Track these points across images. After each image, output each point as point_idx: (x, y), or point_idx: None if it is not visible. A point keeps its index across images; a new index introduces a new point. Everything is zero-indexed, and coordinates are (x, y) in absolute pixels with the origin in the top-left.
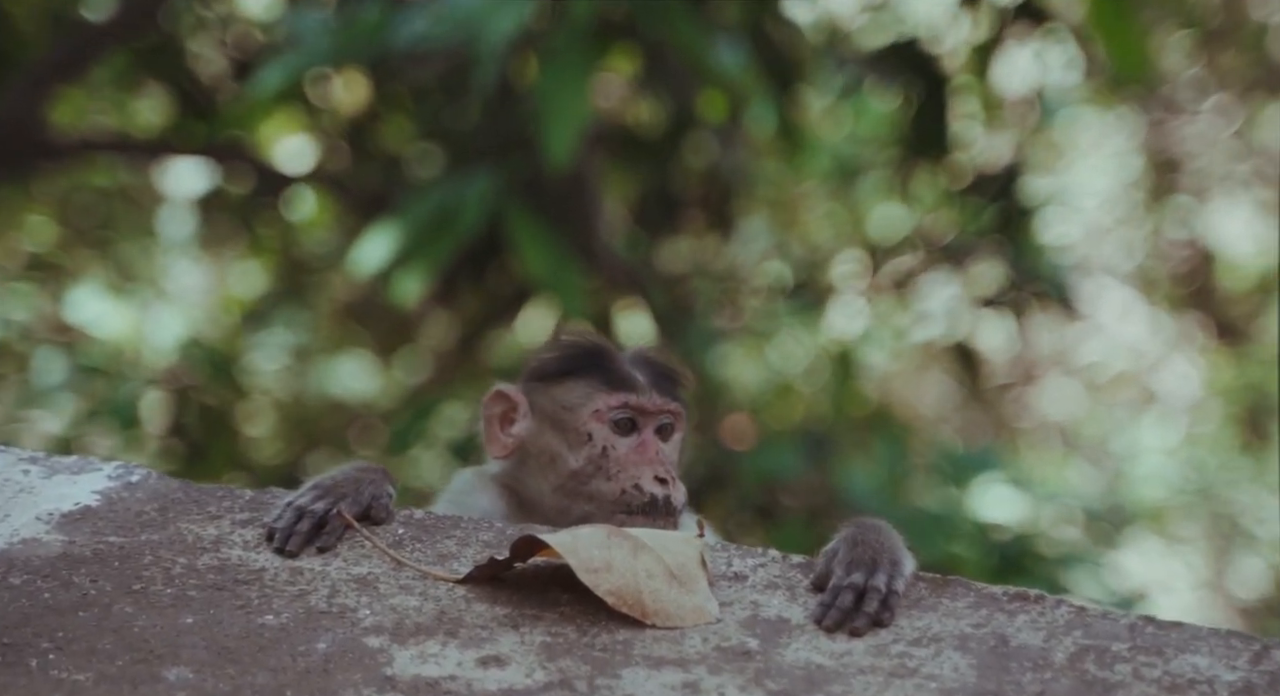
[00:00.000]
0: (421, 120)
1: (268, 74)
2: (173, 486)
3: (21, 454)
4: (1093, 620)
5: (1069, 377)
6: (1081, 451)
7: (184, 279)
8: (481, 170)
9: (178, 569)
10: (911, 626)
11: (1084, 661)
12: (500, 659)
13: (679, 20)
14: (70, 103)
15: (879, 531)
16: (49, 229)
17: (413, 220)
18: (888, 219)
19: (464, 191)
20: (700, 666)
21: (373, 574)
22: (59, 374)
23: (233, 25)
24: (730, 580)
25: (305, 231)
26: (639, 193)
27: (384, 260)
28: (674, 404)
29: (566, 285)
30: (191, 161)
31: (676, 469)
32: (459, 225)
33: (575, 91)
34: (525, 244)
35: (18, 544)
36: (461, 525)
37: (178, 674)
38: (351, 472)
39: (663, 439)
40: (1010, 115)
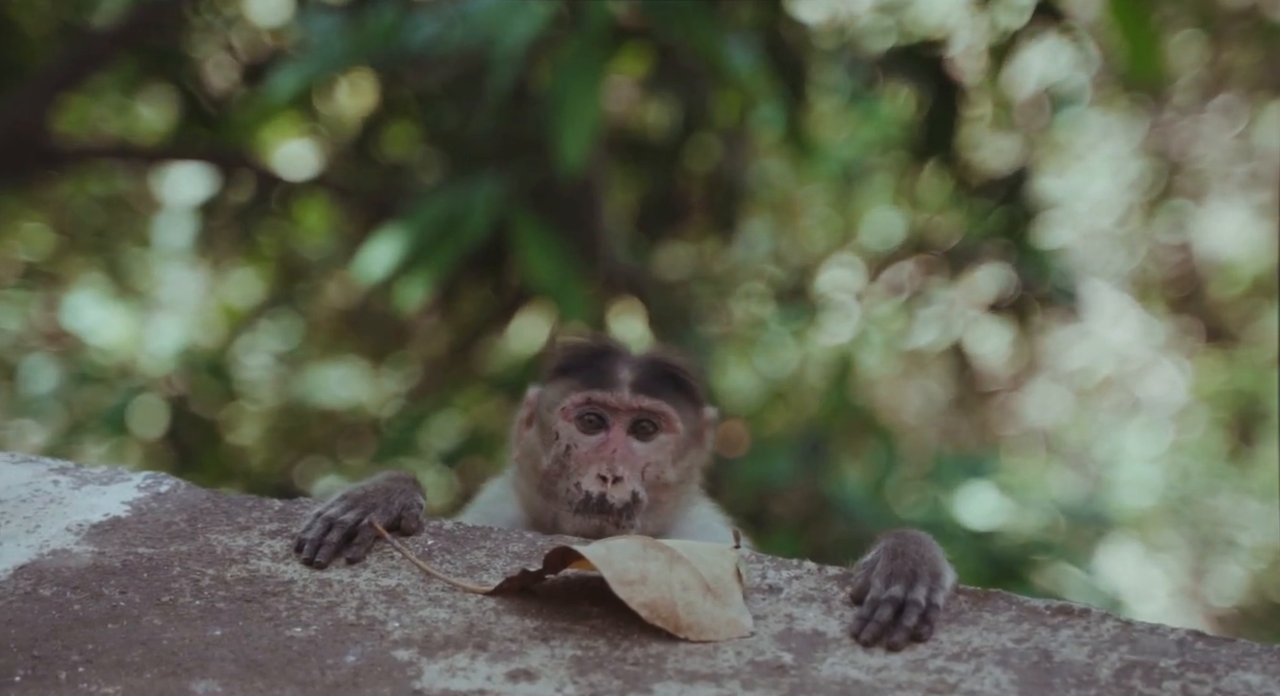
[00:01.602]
0: (427, 125)
1: (281, 79)
2: (201, 497)
3: (52, 464)
4: (1140, 635)
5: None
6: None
7: (180, 286)
8: (488, 175)
9: (206, 580)
10: (951, 641)
11: (1130, 678)
12: (530, 673)
13: (695, 21)
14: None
15: (919, 543)
16: (45, 236)
17: (418, 226)
18: (888, 223)
19: (470, 197)
20: (734, 681)
21: (402, 585)
22: (48, 382)
23: (240, 31)
24: (765, 592)
25: (304, 238)
26: (642, 196)
27: (389, 266)
28: (651, 402)
29: (568, 290)
30: (193, 168)
31: (659, 470)
32: (465, 231)
33: (588, 95)
34: (530, 249)
35: (48, 555)
36: (491, 536)
37: (206, 687)
38: (382, 483)
39: (641, 439)
40: (1019, 117)
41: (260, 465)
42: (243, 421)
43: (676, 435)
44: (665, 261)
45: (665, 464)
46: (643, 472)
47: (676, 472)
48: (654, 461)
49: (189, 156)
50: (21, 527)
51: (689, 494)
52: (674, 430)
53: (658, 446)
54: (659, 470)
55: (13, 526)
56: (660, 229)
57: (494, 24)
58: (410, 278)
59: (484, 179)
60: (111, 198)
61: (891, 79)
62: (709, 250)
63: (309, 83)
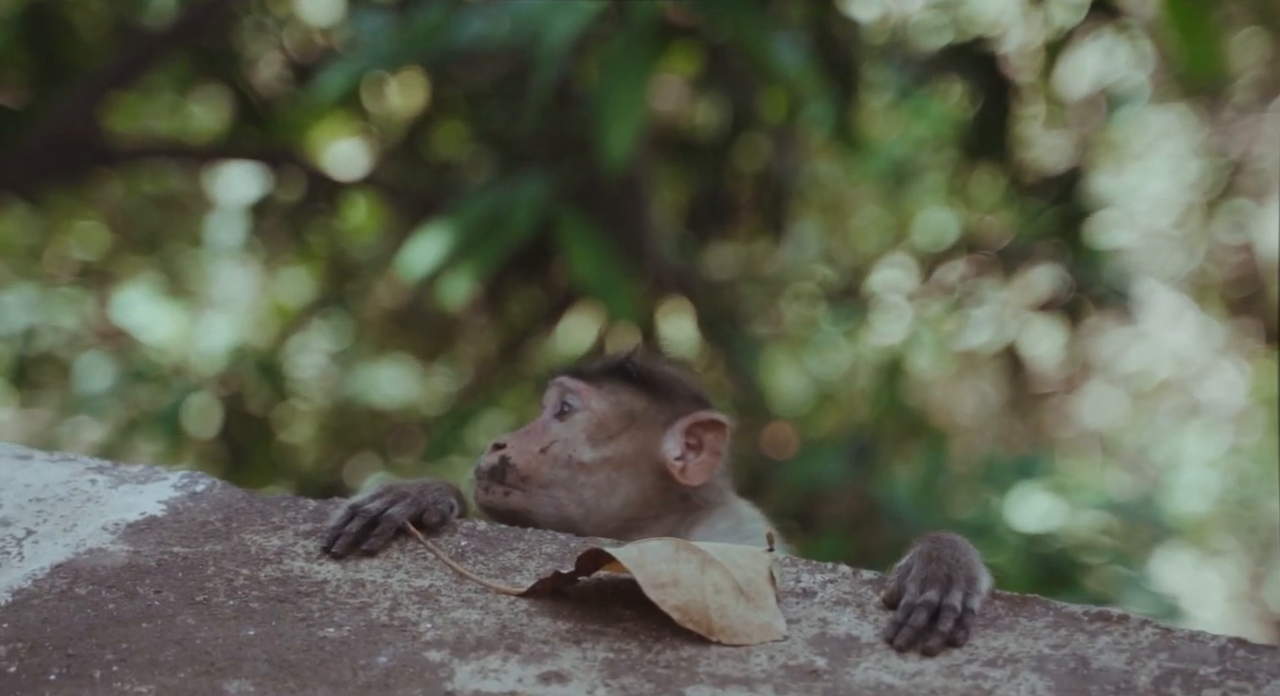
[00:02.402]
0: (476, 124)
1: (329, 77)
2: (237, 496)
3: (89, 462)
4: (1179, 642)
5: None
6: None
7: (232, 285)
8: (533, 174)
9: (240, 580)
10: (987, 646)
11: (1170, 685)
12: (561, 675)
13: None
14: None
15: (955, 547)
16: (100, 235)
17: (463, 223)
18: (940, 222)
19: (515, 195)
20: (766, 685)
21: (435, 586)
22: (104, 380)
23: (291, 30)
24: (798, 596)
25: (354, 237)
26: (691, 195)
27: (433, 263)
28: (567, 381)
29: (614, 290)
30: (244, 167)
31: (568, 447)
32: (509, 228)
33: (634, 93)
34: (575, 248)
35: (84, 554)
36: (525, 537)
37: (238, 687)
38: (421, 481)
39: (560, 419)
40: (1074, 115)
41: (311, 464)
42: (294, 420)
43: (590, 413)
44: (714, 261)
45: (576, 441)
46: (545, 448)
47: (595, 452)
48: (564, 438)
49: (240, 156)
50: (59, 526)
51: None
52: (586, 407)
53: (571, 424)
54: (568, 447)
55: (50, 525)
56: (709, 228)
57: (539, 21)
58: (454, 274)
59: (529, 177)
60: (165, 197)
61: (944, 76)
62: (759, 250)
63: (356, 81)
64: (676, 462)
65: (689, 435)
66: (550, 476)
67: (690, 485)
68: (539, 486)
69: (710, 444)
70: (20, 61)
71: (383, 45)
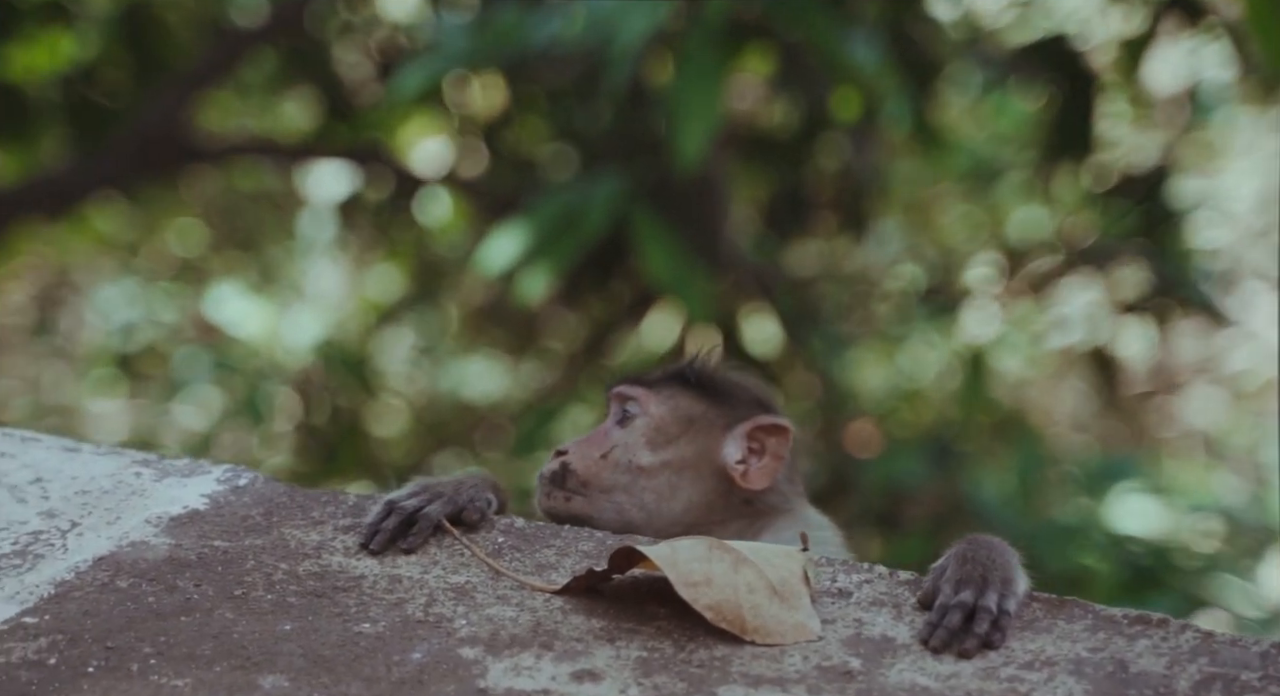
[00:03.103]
0: (556, 122)
1: (407, 77)
2: (279, 491)
3: (135, 456)
4: (1220, 646)
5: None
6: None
7: (323, 281)
8: (609, 172)
9: (279, 575)
10: (1024, 649)
11: (1210, 690)
12: (595, 673)
13: (814, 18)
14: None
15: (991, 548)
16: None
17: (539, 221)
18: (1026, 221)
19: (590, 193)
20: (799, 686)
21: (470, 583)
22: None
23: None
24: (834, 596)
25: (440, 234)
26: (770, 194)
27: (510, 260)
28: (626, 388)
29: (690, 288)
30: (333, 165)
31: (628, 453)
32: (584, 227)
33: (707, 93)
34: (649, 246)
35: (126, 547)
36: (562, 534)
37: (273, 682)
38: (459, 477)
39: (621, 425)
40: (1160, 114)
41: (399, 458)
42: (383, 415)
43: (649, 418)
44: (795, 260)
45: (636, 446)
46: (606, 454)
47: (654, 457)
48: (624, 443)
49: (329, 153)
50: (103, 519)
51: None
52: (646, 413)
53: (631, 430)
54: (628, 452)
55: (94, 517)
56: (790, 227)
57: (612, 21)
58: (531, 271)
59: (604, 175)
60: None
61: (1024, 74)
62: (840, 248)
63: (433, 81)
64: (738, 467)
65: (751, 439)
66: (611, 481)
67: (753, 490)
68: (600, 491)
69: (773, 448)
70: (119, 61)
71: (459, 45)
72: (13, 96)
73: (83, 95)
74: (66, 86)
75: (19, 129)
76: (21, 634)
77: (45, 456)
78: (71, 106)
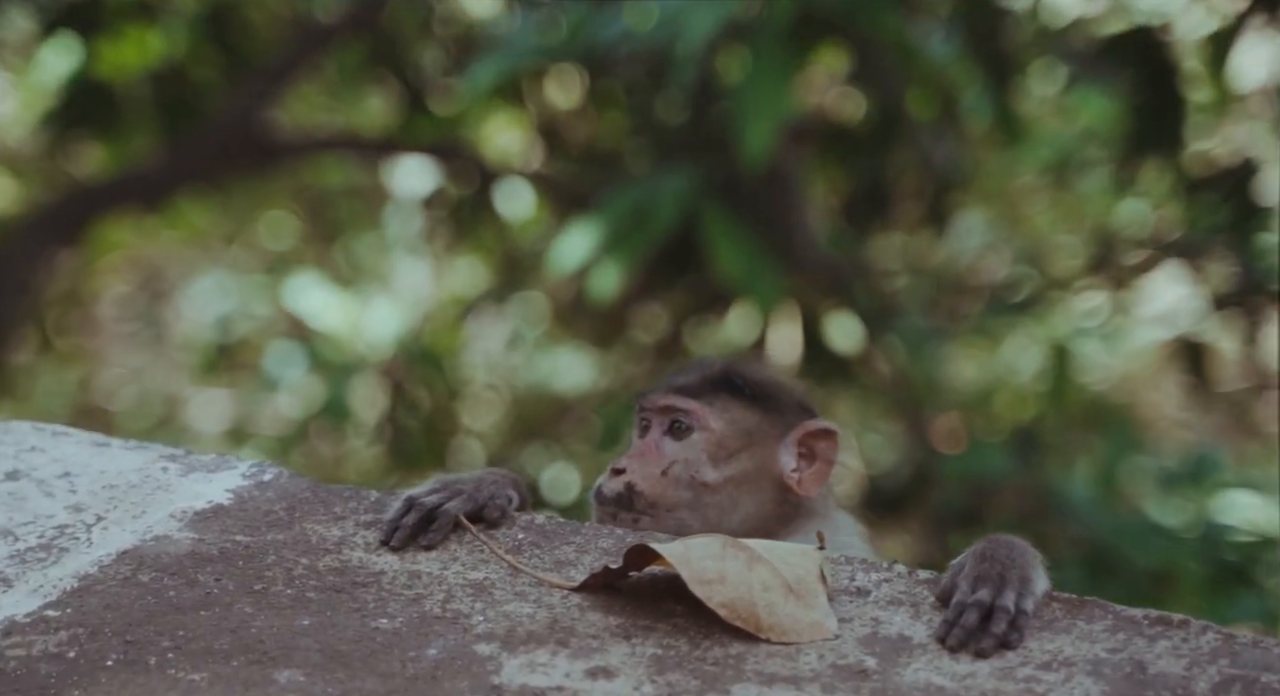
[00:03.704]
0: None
1: (478, 72)
2: (302, 486)
3: (163, 450)
4: (1242, 648)
5: None
6: None
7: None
8: (679, 167)
9: (299, 569)
10: (1042, 649)
11: (1229, 692)
12: (609, 670)
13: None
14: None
15: (1011, 547)
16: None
17: (610, 217)
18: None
19: (660, 189)
20: (813, 684)
21: (489, 579)
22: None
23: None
24: (852, 595)
25: (522, 228)
26: (849, 189)
27: (582, 256)
28: (678, 400)
29: (760, 283)
30: (416, 159)
31: (691, 468)
32: (655, 222)
33: (775, 89)
34: (719, 242)
35: (150, 541)
36: (582, 531)
37: (289, 676)
38: (479, 474)
39: (675, 438)
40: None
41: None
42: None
43: (709, 433)
44: (877, 254)
45: (698, 463)
46: (665, 470)
47: (719, 473)
48: (683, 459)
49: (410, 148)
50: (128, 513)
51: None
52: (706, 428)
53: (689, 445)
54: (691, 469)
55: (120, 512)
56: (870, 221)
57: (678, 19)
58: (603, 267)
59: (674, 171)
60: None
61: (1107, 67)
62: (922, 242)
63: (504, 76)
64: (793, 475)
65: (801, 445)
66: (675, 498)
67: (806, 496)
68: (666, 510)
69: (822, 453)
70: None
71: (530, 41)
72: (103, 93)
73: (171, 92)
74: (156, 83)
75: (110, 125)
76: (43, 627)
77: (75, 451)
78: (161, 102)
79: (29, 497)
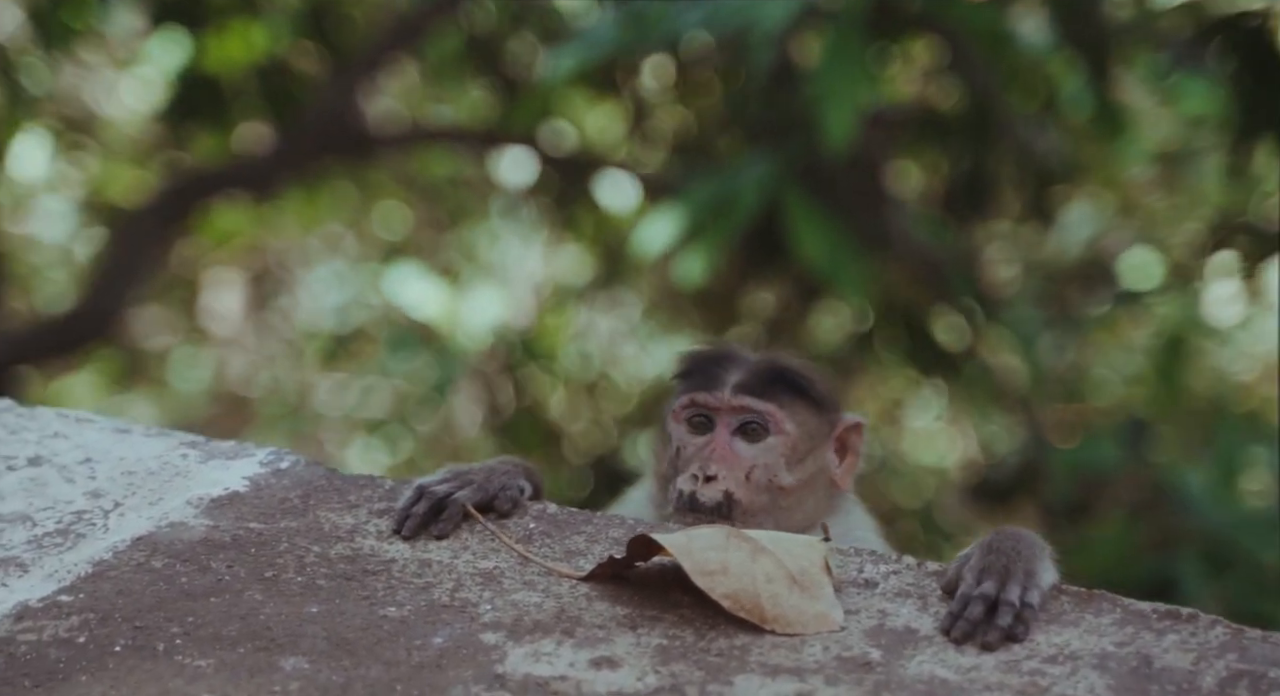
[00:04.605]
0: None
1: (558, 62)
2: (318, 474)
3: (184, 438)
4: (1251, 643)
5: None
6: None
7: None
8: (761, 154)
9: (311, 557)
10: (1049, 642)
11: (1235, 687)
12: (613, 660)
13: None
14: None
15: (1018, 539)
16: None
17: (692, 203)
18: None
19: (743, 175)
20: (817, 676)
21: (499, 568)
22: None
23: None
24: (860, 587)
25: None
26: (948, 178)
27: (666, 243)
28: (754, 401)
29: (845, 271)
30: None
31: (769, 473)
32: (738, 209)
33: (853, 75)
34: (802, 229)
35: (165, 527)
36: (593, 521)
37: (294, 664)
38: (490, 464)
39: (749, 440)
40: None
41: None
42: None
43: (786, 437)
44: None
45: (777, 467)
46: (748, 474)
47: (793, 476)
48: (762, 463)
49: (509, 139)
50: (145, 499)
51: (829, 498)
52: (782, 432)
53: (766, 449)
54: (770, 473)
55: (137, 498)
56: (970, 212)
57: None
58: (689, 254)
59: (756, 158)
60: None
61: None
62: (1028, 232)
63: (584, 66)
64: (837, 471)
65: (837, 440)
66: (759, 503)
67: (844, 490)
68: (750, 516)
69: (854, 446)
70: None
71: (610, 30)
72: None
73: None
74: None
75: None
76: (55, 612)
77: (97, 438)
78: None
79: (49, 483)
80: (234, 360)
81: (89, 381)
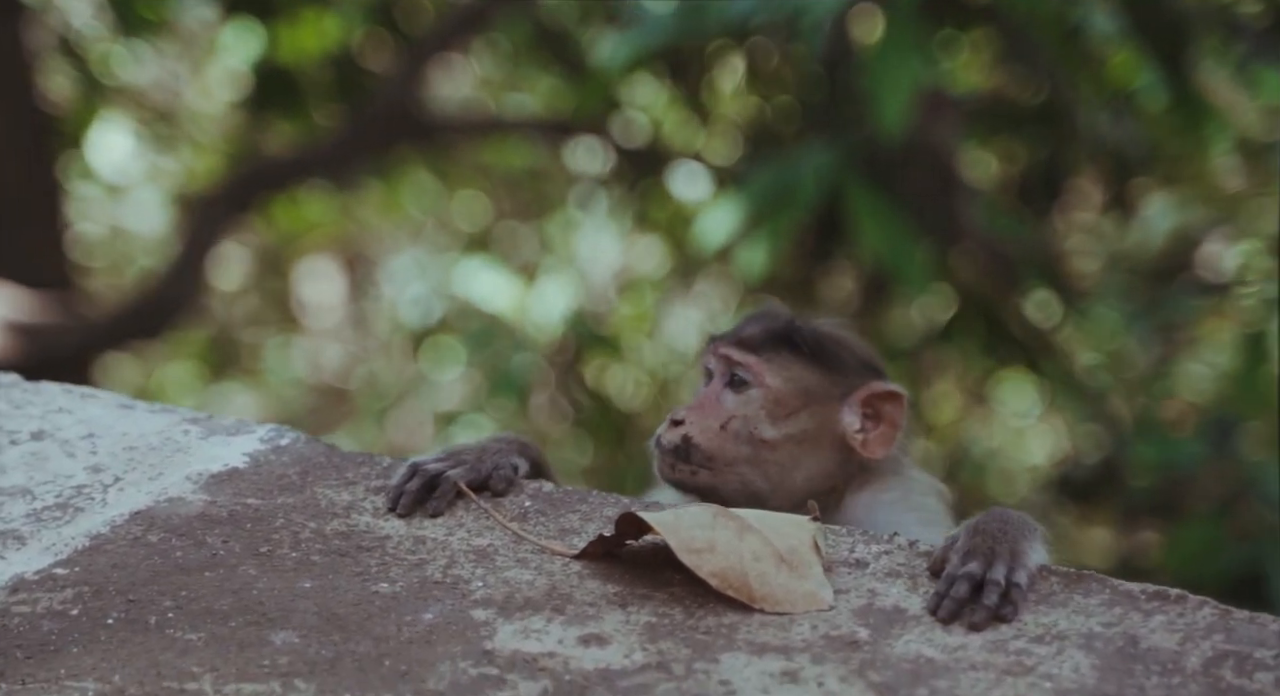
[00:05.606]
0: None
1: (615, 50)
2: (318, 451)
3: (186, 414)
4: (1238, 624)
5: None
6: None
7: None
8: (821, 143)
9: (306, 533)
10: (1036, 622)
11: (1220, 667)
12: (602, 638)
13: None
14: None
15: (1005, 521)
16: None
17: (753, 192)
18: None
19: (802, 163)
20: (804, 654)
21: (492, 546)
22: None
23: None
24: (850, 566)
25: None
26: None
27: (727, 233)
28: (737, 353)
29: (908, 260)
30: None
31: (749, 424)
32: (798, 198)
33: (908, 61)
34: (864, 218)
35: (164, 502)
36: (589, 499)
37: (284, 638)
38: (484, 441)
39: (735, 391)
40: None
41: None
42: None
43: (767, 390)
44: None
45: (757, 419)
46: (724, 424)
47: (777, 430)
48: (741, 415)
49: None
50: (146, 474)
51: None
52: (763, 385)
53: (746, 400)
54: (750, 425)
55: (138, 473)
56: (1045, 203)
57: None
58: (750, 244)
59: (816, 147)
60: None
61: None
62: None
63: (640, 54)
64: (857, 435)
65: (866, 406)
66: (734, 453)
67: (873, 458)
68: (725, 464)
69: (889, 415)
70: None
71: (664, 19)
72: (286, 76)
73: (348, 74)
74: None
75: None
76: (50, 584)
77: (101, 413)
78: (339, 83)
79: (51, 458)
80: (330, 350)
81: (186, 371)
